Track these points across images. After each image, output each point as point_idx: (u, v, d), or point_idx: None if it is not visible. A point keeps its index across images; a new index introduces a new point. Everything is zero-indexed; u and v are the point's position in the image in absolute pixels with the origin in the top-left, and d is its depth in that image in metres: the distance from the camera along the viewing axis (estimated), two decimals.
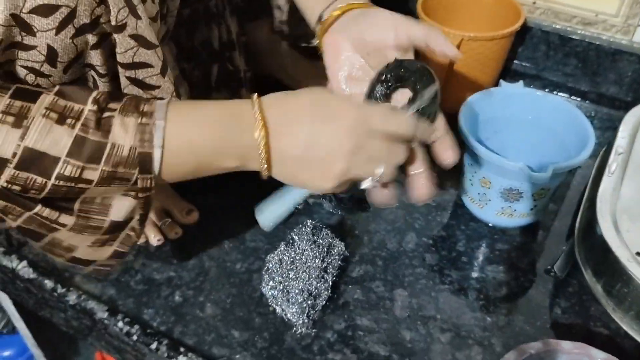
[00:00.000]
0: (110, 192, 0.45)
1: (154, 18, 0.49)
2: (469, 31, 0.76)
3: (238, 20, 0.72)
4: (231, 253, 0.65)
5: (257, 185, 0.70)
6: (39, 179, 0.41)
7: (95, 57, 0.47)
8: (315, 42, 0.60)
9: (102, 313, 0.59)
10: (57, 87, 0.43)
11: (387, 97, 0.53)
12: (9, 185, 0.41)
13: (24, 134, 0.40)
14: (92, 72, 0.49)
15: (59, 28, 0.43)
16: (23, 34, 0.42)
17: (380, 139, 0.47)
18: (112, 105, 0.43)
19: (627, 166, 0.65)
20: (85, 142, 0.41)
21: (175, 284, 0.62)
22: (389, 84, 0.53)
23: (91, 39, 0.46)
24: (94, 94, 0.43)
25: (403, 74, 0.52)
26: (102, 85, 0.50)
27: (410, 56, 0.55)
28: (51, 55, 0.44)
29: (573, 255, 0.64)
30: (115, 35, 0.46)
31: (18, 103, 0.41)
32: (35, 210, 0.44)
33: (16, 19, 0.41)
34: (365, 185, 0.49)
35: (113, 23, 0.45)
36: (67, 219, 0.45)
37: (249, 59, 0.74)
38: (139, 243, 0.65)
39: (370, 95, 0.53)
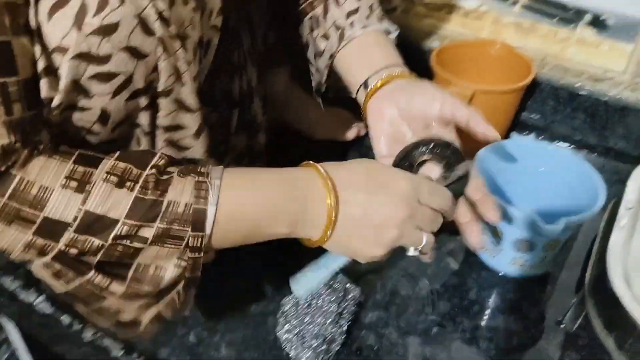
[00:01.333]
0: (164, 257, 0.46)
1: (195, 78, 0.51)
2: (481, 84, 0.79)
3: (257, 69, 0.75)
4: (247, 294, 0.66)
5: None
6: (97, 242, 0.43)
7: (143, 118, 0.49)
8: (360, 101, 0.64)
9: (117, 351, 0.59)
10: (117, 153, 0.45)
11: (414, 168, 0.56)
12: (67, 249, 0.43)
13: (86, 198, 0.42)
14: (138, 130, 0.51)
15: (115, 93, 0.44)
16: (80, 97, 0.44)
17: (427, 209, 0.49)
18: (170, 169, 0.46)
19: (636, 221, 0.66)
20: (144, 202, 0.43)
21: (191, 324, 0.62)
22: (421, 157, 0.56)
23: (142, 101, 0.47)
24: (154, 159, 0.45)
25: (437, 151, 0.55)
26: (145, 142, 0.51)
27: (450, 131, 0.57)
28: (104, 117, 0.46)
29: (583, 308, 0.65)
30: (160, 99, 0.48)
31: (81, 169, 0.43)
32: (88, 276, 0.45)
33: (76, 85, 0.43)
34: (411, 253, 0.51)
35: (161, 89, 0.47)
36: (118, 287, 0.46)
37: (265, 106, 0.77)
38: None
39: (400, 162, 0.56)
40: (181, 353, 0.59)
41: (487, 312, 0.66)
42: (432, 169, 0.56)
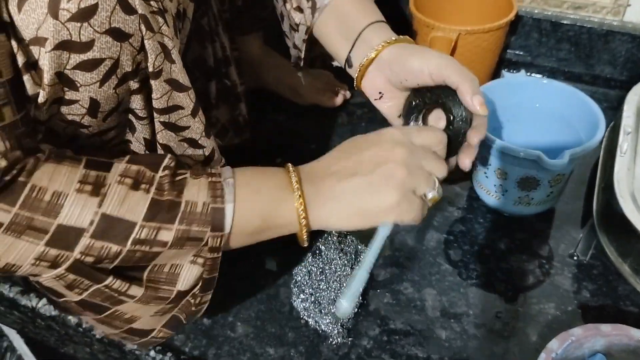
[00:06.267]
0: (181, 256, 0.45)
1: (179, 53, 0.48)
2: (464, 25, 0.77)
3: (229, 34, 0.71)
4: (255, 269, 0.64)
5: None
6: (115, 247, 0.41)
7: (135, 102, 0.46)
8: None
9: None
10: (128, 156, 0.44)
11: (421, 120, 0.55)
12: (82, 257, 0.41)
13: (102, 201, 0.40)
14: (131, 116, 0.48)
15: (103, 80, 0.41)
16: (66, 89, 0.41)
17: (424, 150, 0.48)
18: (182, 171, 0.45)
19: (637, 143, 0.65)
20: (161, 204, 0.42)
21: None
22: (420, 108, 0.54)
23: (133, 85, 0.44)
24: (165, 161, 0.44)
25: (432, 97, 0.53)
26: (140, 128, 0.49)
27: None
28: (93, 107, 0.43)
29: (593, 237, 0.64)
30: (152, 81, 0.45)
31: (93, 173, 0.41)
32: (106, 282, 0.44)
33: (60, 77, 0.40)
34: (430, 195, 0.47)
35: (150, 69, 0.44)
36: (137, 290, 0.46)
37: (242, 73, 0.74)
38: None
39: (407, 120, 0.55)
40: (197, 337, 0.58)
41: (499, 254, 0.65)
42: (439, 117, 0.53)
